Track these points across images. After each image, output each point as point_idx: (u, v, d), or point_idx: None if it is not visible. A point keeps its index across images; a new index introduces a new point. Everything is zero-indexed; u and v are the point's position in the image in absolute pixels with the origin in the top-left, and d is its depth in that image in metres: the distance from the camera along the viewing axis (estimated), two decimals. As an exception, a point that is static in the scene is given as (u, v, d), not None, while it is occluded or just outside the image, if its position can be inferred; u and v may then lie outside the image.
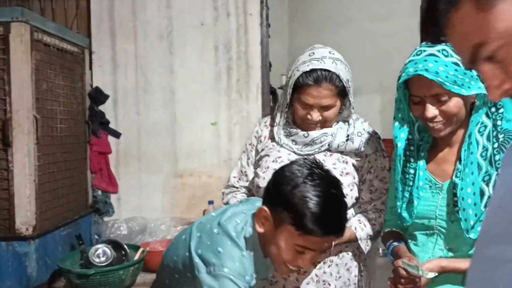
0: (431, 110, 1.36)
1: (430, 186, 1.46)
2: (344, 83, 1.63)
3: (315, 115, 1.66)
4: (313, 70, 1.61)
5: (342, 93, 1.66)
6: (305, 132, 1.72)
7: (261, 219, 1.26)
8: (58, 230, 2.39)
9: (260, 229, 1.26)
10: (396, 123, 1.49)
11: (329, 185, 1.24)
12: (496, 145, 1.36)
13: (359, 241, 1.68)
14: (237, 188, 1.92)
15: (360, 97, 4.98)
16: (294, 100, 1.70)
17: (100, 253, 2.23)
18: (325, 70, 1.60)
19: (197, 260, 1.28)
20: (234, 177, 1.93)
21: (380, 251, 3.62)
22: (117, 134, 2.89)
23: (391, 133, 1.57)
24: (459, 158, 1.41)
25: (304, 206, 1.18)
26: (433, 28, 0.72)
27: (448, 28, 0.69)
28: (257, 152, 1.85)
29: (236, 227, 1.30)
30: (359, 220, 1.71)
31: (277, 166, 1.76)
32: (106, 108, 2.86)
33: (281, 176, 1.26)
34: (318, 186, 1.20)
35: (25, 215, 2.14)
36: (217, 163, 2.86)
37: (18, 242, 2.13)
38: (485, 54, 0.67)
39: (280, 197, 1.23)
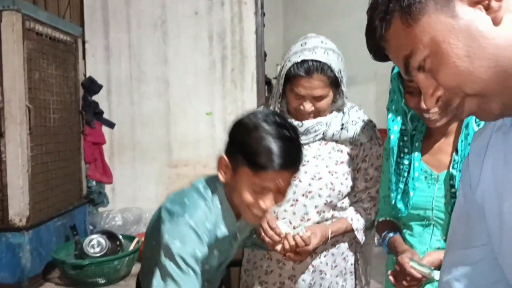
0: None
1: (426, 177, 1.46)
2: (336, 74, 1.61)
3: (308, 106, 1.65)
4: (304, 61, 1.60)
5: (334, 83, 1.64)
6: (299, 122, 1.71)
7: (222, 168, 1.27)
8: (52, 221, 2.37)
9: (223, 178, 1.27)
10: (390, 115, 1.48)
11: (282, 126, 1.25)
12: None
13: (356, 232, 1.69)
14: None
15: (355, 86, 4.98)
16: (287, 90, 1.69)
17: (95, 244, 2.23)
18: (316, 61, 1.59)
19: (163, 214, 1.29)
20: None
21: (376, 240, 3.65)
22: (111, 125, 2.87)
23: (386, 122, 1.57)
24: (455, 149, 1.40)
25: (256, 144, 1.20)
26: (375, 47, 0.78)
27: (385, 43, 0.75)
28: None
29: (205, 184, 1.33)
30: (356, 211, 1.71)
31: None
32: (99, 98, 2.84)
33: (236, 123, 1.29)
34: (271, 126, 1.22)
35: (18, 205, 2.13)
36: (212, 153, 2.85)
37: (12, 233, 2.12)
38: (414, 64, 0.71)
39: (235, 142, 1.26)
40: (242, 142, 1.23)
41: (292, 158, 1.24)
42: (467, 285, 0.81)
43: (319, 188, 1.67)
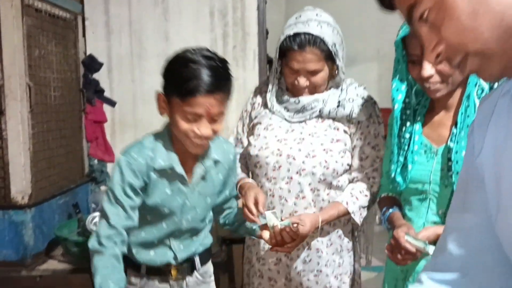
0: (428, 69, 1.34)
1: (425, 151, 1.46)
2: (330, 47, 1.59)
3: (302, 81, 1.63)
4: (296, 34, 1.57)
5: (329, 57, 1.62)
6: (296, 99, 1.69)
7: (160, 105, 1.37)
8: (54, 199, 2.37)
9: (162, 113, 1.37)
10: (394, 85, 1.47)
11: (209, 57, 1.31)
12: None
13: (352, 215, 1.66)
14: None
15: (357, 66, 4.93)
16: (283, 65, 1.67)
17: (97, 221, 2.22)
18: (308, 34, 1.56)
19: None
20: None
21: (377, 219, 3.66)
22: (112, 103, 2.85)
23: (388, 102, 1.55)
24: (455, 123, 1.40)
25: (183, 73, 1.28)
26: None
27: None
28: (251, 119, 1.83)
29: (157, 131, 1.45)
30: (351, 193, 1.68)
31: (268, 133, 1.73)
32: (100, 76, 2.81)
33: (168, 61, 1.36)
34: (198, 58, 1.29)
35: (20, 183, 2.13)
36: (214, 131, 2.83)
37: (14, 210, 2.12)
38: (417, 14, 0.69)
39: (167, 77, 1.35)
40: (171, 74, 1.32)
41: (217, 82, 1.30)
42: (458, 247, 0.82)
43: (312, 166, 1.65)
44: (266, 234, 1.56)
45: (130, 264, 1.46)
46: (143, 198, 1.38)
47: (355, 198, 1.67)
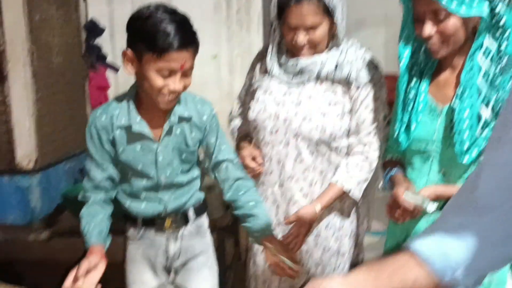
0: (428, 28, 1.33)
1: (430, 110, 1.44)
2: (326, 2, 1.54)
3: (301, 37, 1.59)
4: None
5: (328, 12, 1.57)
6: (294, 61, 1.65)
7: (127, 62, 1.36)
8: (60, 164, 2.39)
9: (130, 71, 1.36)
10: (401, 42, 1.45)
11: (172, 12, 1.34)
12: (498, 68, 1.33)
13: (350, 194, 1.65)
14: (238, 116, 1.90)
15: (364, 30, 4.85)
16: (282, 25, 1.63)
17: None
18: None
19: None
20: (235, 109, 1.90)
21: (379, 185, 3.66)
22: (115, 68, 2.83)
23: (395, 66, 1.52)
24: (459, 83, 1.38)
25: (154, 29, 1.29)
26: None
27: None
28: (252, 84, 1.81)
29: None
30: (346, 170, 1.66)
31: (266, 97, 1.71)
32: (103, 41, 2.79)
33: (131, 17, 1.36)
34: (163, 13, 1.31)
35: (25, 148, 2.14)
36: (219, 96, 2.81)
37: (20, 175, 2.14)
38: None
39: (135, 33, 1.34)
40: (141, 31, 1.31)
41: (189, 36, 1.33)
42: (490, 182, 0.79)
43: (309, 130, 1.63)
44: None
45: (128, 218, 1.54)
46: (114, 152, 1.45)
47: (350, 175, 1.64)
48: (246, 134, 1.83)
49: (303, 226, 1.62)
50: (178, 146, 1.48)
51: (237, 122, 1.89)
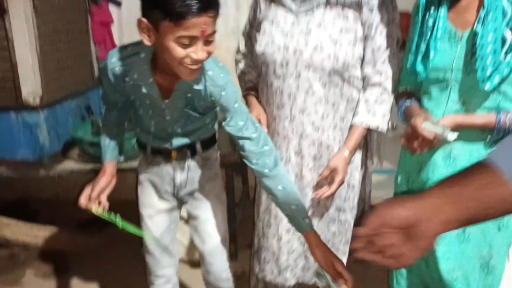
0: None
1: (449, 37, 1.38)
2: None
3: None
4: None
5: None
6: None
7: (144, 32, 1.25)
8: (66, 102, 2.37)
9: (148, 42, 1.25)
10: None
11: None
12: None
13: (379, 130, 1.61)
14: (244, 54, 1.84)
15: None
16: None
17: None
18: None
19: None
20: (241, 47, 1.84)
21: (389, 125, 3.63)
22: (117, 2, 2.75)
23: (408, 4, 1.44)
24: (482, 5, 1.31)
25: None
26: None
27: None
28: (257, 16, 1.74)
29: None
30: (367, 110, 1.61)
31: (273, 28, 1.64)
32: (104, -27, 2.69)
33: None
34: None
35: (30, 85, 2.11)
36: (225, 33, 2.75)
37: (27, 111, 2.13)
38: None
39: (149, 1, 1.22)
40: (155, 0, 1.20)
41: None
42: None
43: (321, 59, 1.57)
44: None
45: (140, 145, 1.60)
46: (127, 95, 1.45)
47: (372, 112, 1.60)
48: (253, 86, 1.78)
49: (337, 175, 1.60)
50: (187, 108, 1.45)
51: (244, 65, 1.83)
